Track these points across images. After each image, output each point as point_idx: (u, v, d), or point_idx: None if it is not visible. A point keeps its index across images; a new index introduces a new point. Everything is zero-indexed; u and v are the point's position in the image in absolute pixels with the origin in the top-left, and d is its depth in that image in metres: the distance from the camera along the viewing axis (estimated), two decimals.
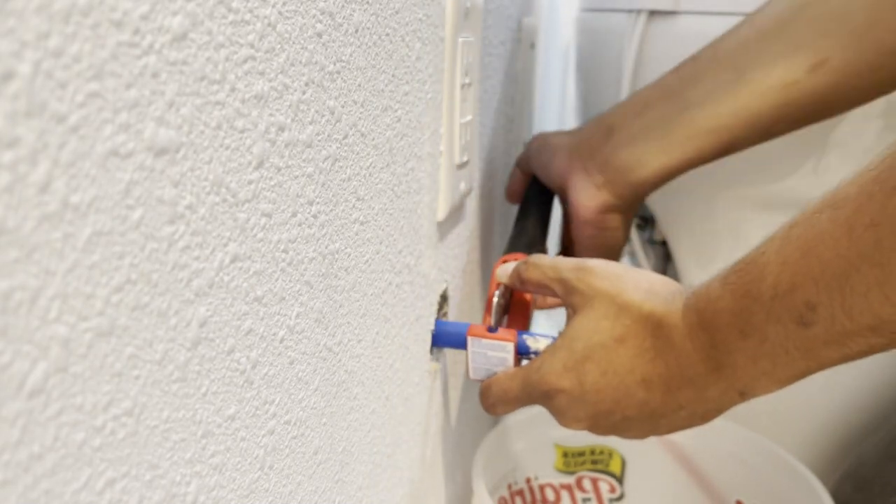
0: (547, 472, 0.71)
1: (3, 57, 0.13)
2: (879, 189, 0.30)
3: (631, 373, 0.40)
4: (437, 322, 0.50)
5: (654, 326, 0.39)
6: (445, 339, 0.49)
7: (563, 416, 0.43)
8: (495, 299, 0.52)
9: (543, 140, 0.63)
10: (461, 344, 0.49)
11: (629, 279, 0.42)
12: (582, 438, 0.70)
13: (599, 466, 0.72)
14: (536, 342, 0.47)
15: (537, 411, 0.66)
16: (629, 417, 0.41)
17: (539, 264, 0.46)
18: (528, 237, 0.61)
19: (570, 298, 0.44)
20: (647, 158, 0.55)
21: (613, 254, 0.61)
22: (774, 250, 0.35)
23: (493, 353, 0.47)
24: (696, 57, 0.55)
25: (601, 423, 0.42)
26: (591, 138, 0.58)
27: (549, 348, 0.43)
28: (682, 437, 0.68)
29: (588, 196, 0.58)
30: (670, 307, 0.39)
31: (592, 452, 0.72)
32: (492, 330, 0.48)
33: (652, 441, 0.68)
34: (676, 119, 0.54)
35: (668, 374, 0.39)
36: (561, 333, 0.43)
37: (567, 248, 0.63)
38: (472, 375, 0.49)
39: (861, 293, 0.31)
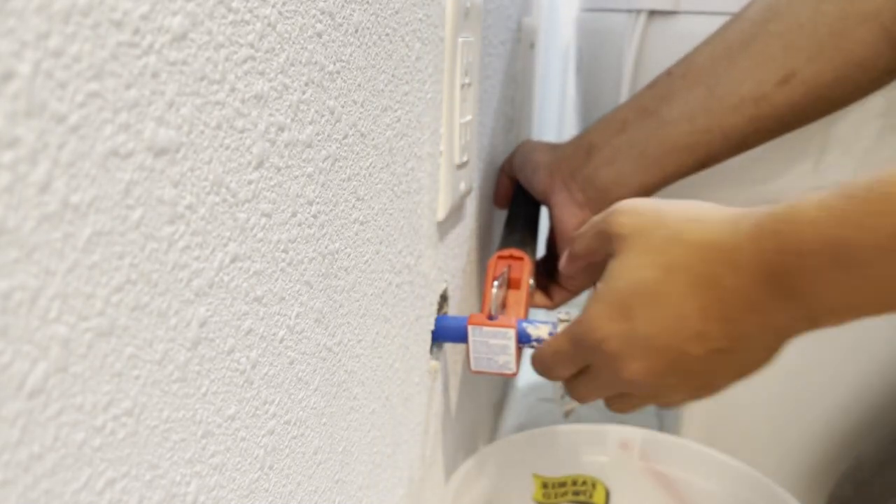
0: None
1: (3, 57, 0.13)
2: None
3: (685, 301, 0.36)
4: (438, 317, 0.50)
5: (707, 251, 0.36)
6: (446, 333, 0.50)
7: (619, 365, 0.39)
8: (493, 290, 0.52)
9: (526, 154, 0.64)
10: (461, 337, 0.49)
11: (669, 209, 0.39)
12: (562, 468, 0.67)
13: (581, 498, 0.68)
14: (537, 329, 0.47)
15: (513, 438, 0.64)
16: (687, 354, 0.37)
17: (580, 232, 0.44)
18: (519, 234, 0.61)
19: (608, 247, 0.41)
20: (627, 177, 0.56)
21: (598, 267, 0.61)
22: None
23: (494, 342, 0.47)
24: (669, 72, 0.56)
25: (660, 364, 0.38)
26: (571, 157, 0.59)
27: (591, 297, 0.40)
28: (670, 468, 0.66)
29: (570, 213, 0.59)
30: (734, 227, 0.36)
31: (574, 483, 0.68)
32: (492, 318, 0.48)
33: (638, 471, 0.67)
34: (653, 137, 0.55)
35: (730, 299, 0.36)
36: (601, 280, 0.40)
37: (554, 256, 0.64)
38: (472, 366, 0.49)
39: None
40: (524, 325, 0.47)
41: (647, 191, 0.57)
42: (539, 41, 0.96)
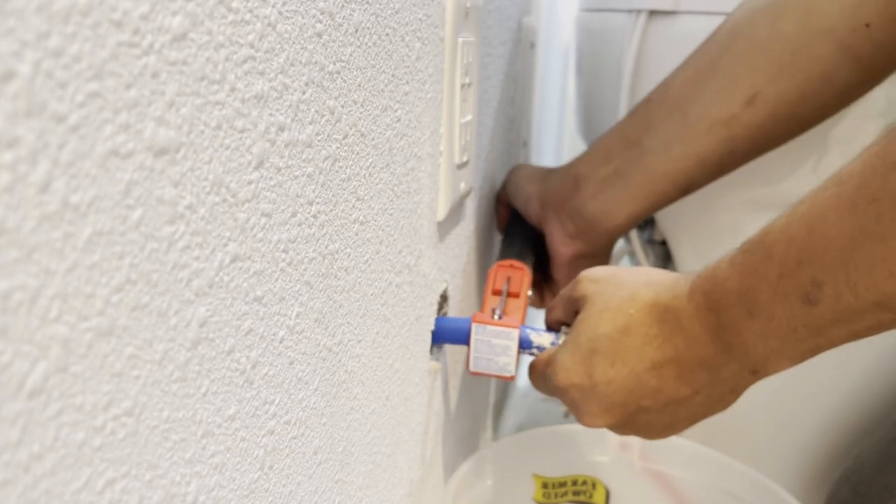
0: None
1: (3, 57, 0.13)
2: (881, 163, 0.30)
3: (640, 360, 0.39)
4: (437, 319, 0.50)
5: (659, 312, 0.40)
6: (446, 334, 0.50)
7: (579, 412, 0.43)
8: (495, 296, 0.52)
9: (518, 183, 0.65)
10: (462, 339, 0.49)
11: (625, 275, 0.42)
12: (562, 468, 0.67)
13: (582, 498, 0.68)
14: (539, 337, 0.47)
15: (513, 438, 0.65)
16: (645, 408, 0.40)
17: (553, 303, 0.48)
18: (517, 247, 0.63)
19: (574, 307, 0.45)
20: (614, 207, 0.58)
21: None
22: (779, 228, 0.35)
23: (497, 341, 0.47)
24: (648, 99, 0.57)
25: (618, 417, 0.41)
26: (560, 189, 0.60)
27: (558, 347, 0.44)
28: (670, 468, 0.66)
29: (563, 243, 0.60)
30: (675, 292, 0.39)
31: (574, 483, 0.68)
32: (497, 317, 0.48)
33: (638, 471, 0.67)
34: (636, 167, 0.56)
35: (679, 357, 0.39)
36: (567, 333, 0.44)
37: (548, 277, 0.65)
38: (472, 367, 0.49)
39: (865, 269, 0.31)
40: (527, 330, 0.47)
41: (634, 219, 0.58)
42: (539, 41, 0.96)
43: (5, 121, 0.13)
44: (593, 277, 0.44)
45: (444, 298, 0.52)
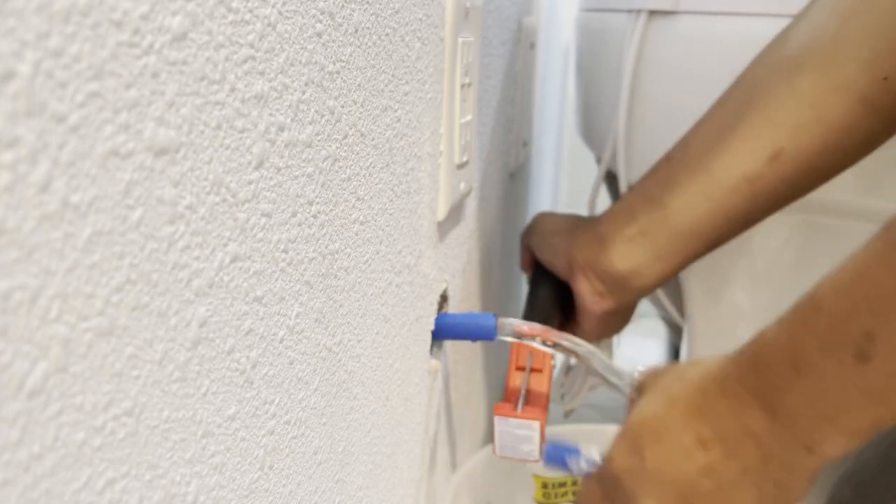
0: None
1: (3, 57, 0.13)
2: None
3: (685, 431, 0.38)
4: (438, 316, 0.50)
5: (705, 383, 0.38)
6: (447, 330, 0.50)
7: (634, 502, 0.40)
8: (518, 375, 0.53)
9: (544, 236, 0.64)
10: (463, 334, 0.49)
11: (677, 366, 0.43)
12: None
13: None
14: (577, 463, 0.47)
15: None
16: (700, 488, 0.37)
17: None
18: (541, 311, 0.62)
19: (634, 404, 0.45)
20: (644, 268, 0.57)
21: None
22: (829, 280, 0.33)
23: (520, 432, 0.50)
24: (669, 157, 0.56)
25: (671, 502, 0.39)
26: (586, 248, 0.59)
27: (614, 437, 0.43)
28: None
29: (592, 302, 0.59)
30: (724, 361, 0.38)
31: (574, 483, 0.68)
32: (517, 408, 0.50)
33: None
34: (661, 227, 0.56)
35: (723, 426, 0.36)
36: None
37: (570, 316, 0.65)
38: (498, 452, 0.51)
39: None
40: (565, 455, 0.47)
41: (665, 277, 0.57)
42: (539, 41, 0.96)
43: (5, 121, 0.13)
44: (652, 370, 0.44)
45: (444, 298, 0.52)
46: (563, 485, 0.68)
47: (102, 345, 0.17)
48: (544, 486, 0.67)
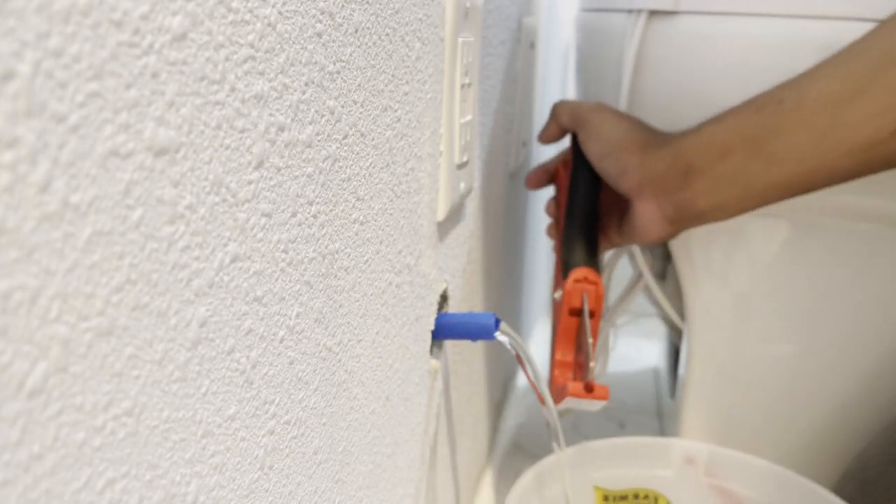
0: None
1: (3, 57, 0.13)
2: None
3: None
4: (439, 315, 0.50)
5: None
6: (448, 330, 0.50)
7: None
8: (587, 346, 0.51)
9: (610, 144, 0.61)
10: (464, 334, 0.49)
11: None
12: (625, 482, 0.66)
13: None
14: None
15: (573, 452, 0.63)
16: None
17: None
18: (585, 241, 0.59)
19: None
20: (728, 206, 0.56)
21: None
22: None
23: (586, 406, 0.50)
24: (781, 100, 0.54)
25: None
26: (666, 175, 0.57)
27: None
28: (737, 485, 0.64)
29: (657, 227, 0.58)
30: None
31: (636, 496, 0.66)
32: (588, 387, 0.49)
33: (704, 487, 0.65)
34: (761, 173, 0.54)
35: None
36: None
37: (597, 209, 0.63)
38: (555, 405, 0.51)
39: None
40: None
41: (737, 216, 0.57)
42: (539, 41, 0.96)
43: (5, 121, 0.13)
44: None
45: (444, 298, 0.52)
46: (624, 498, 0.67)
47: (102, 345, 0.17)
48: (605, 498, 0.66)
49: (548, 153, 1.28)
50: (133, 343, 0.18)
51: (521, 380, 1.11)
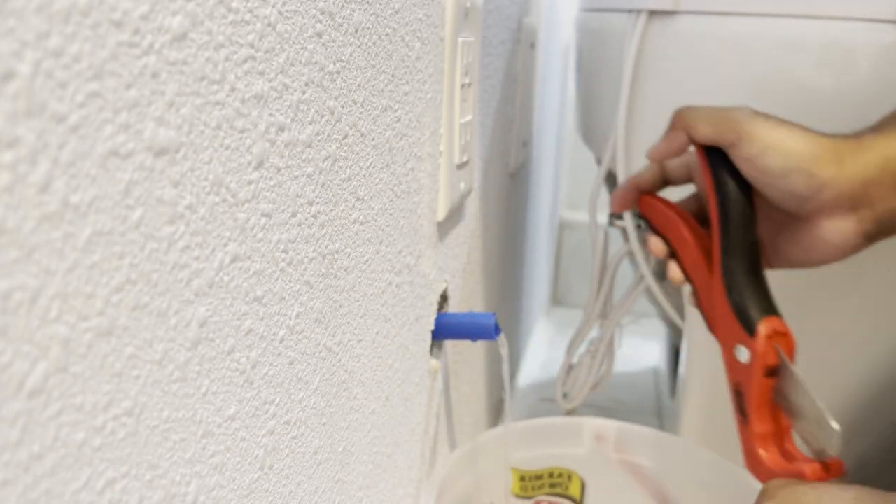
0: (504, 497, 0.68)
1: (3, 57, 0.13)
2: None
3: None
4: (439, 315, 0.50)
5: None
6: (448, 330, 0.50)
7: None
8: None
9: (795, 155, 0.48)
10: (465, 334, 0.49)
11: (814, 489, 0.45)
12: (540, 461, 0.68)
13: (558, 490, 0.69)
14: None
15: (492, 433, 0.64)
16: None
17: None
18: (760, 284, 0.50)
19: None
20: None
21: None
22: None
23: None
24: None
25: None
26: (874, 184, 0.49)
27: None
28: (645, 460, 0.66)
29: (847, 247, 0.50)
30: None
31: (551, 475, 0.68)
32: (827, 469, 0.46)
33: (613, 463, 0.67)
34: None
35: None
36: None
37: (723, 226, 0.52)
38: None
39: None
40: None
41: None
42: (539, 41, 0.96)
43: (5, 121, 0.13)
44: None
45: (444, 298, 0.52)
46: (539, 477, 0.68)
47: (102, 345, 0.17)
48: (522, 478, 0.68)
49: (547, 153, 1.28)
50: (133, 343, 0.18)
51: (521, 380, 1.11)
